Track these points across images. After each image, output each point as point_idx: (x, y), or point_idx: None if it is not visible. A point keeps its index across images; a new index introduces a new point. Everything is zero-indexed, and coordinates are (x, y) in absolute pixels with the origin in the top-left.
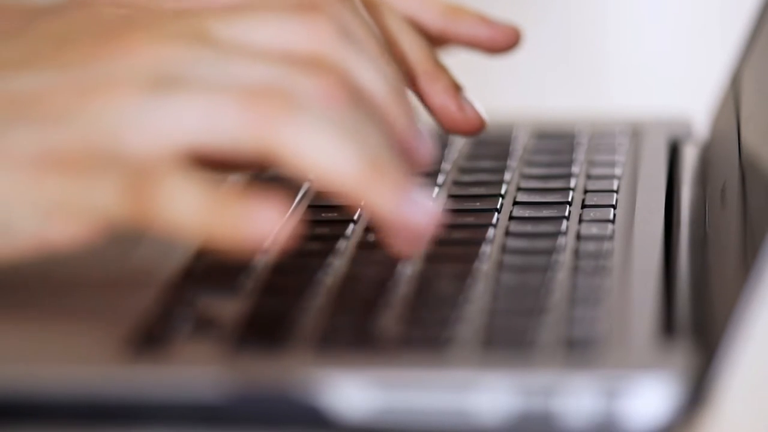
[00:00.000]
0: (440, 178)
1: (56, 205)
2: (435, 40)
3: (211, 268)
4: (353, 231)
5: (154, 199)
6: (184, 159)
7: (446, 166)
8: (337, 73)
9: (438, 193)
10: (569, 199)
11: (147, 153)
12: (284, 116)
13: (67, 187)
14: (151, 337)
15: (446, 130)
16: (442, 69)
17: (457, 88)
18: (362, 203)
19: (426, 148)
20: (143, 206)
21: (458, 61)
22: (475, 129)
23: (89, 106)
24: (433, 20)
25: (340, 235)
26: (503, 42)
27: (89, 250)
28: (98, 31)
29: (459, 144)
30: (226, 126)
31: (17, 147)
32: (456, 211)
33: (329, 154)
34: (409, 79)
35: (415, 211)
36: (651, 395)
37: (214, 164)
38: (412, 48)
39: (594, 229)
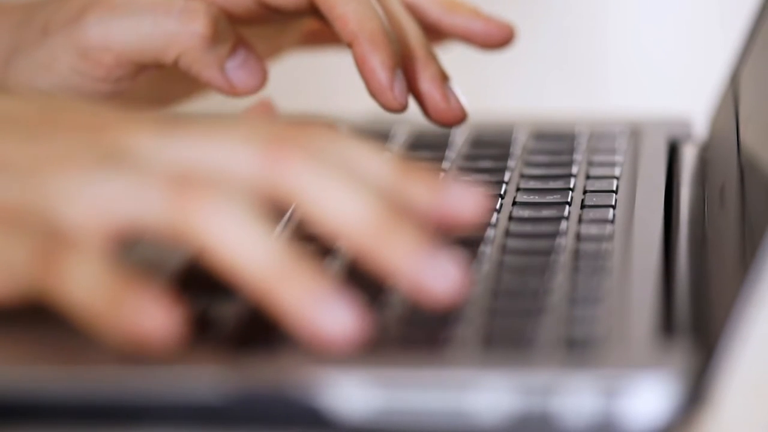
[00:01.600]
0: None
1: None
2: (431, 31)
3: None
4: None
5: (59, 267)
6: (111, 235)
7: (446, 166)
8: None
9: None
10: (569, 200)
11: (79, 229)
12: (210, 207)
13: None
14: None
15: (428, 118)
16: (433, 57)
17: (444, 78)
18: (268, 295)
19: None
20: (47, 272)
21: (458, 61)
22: (456, 120)
23: (41, 177)
24: (430, 10)
25: (331, 250)
26: (497, 37)
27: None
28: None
29: (459, 144)
30: (153, 211)
31: None
32: None
33: (245, 252)
34: (401, 62)
35: (324, 308)
36: (650, 394)
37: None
38: (409, 33)
39: (593, 230)
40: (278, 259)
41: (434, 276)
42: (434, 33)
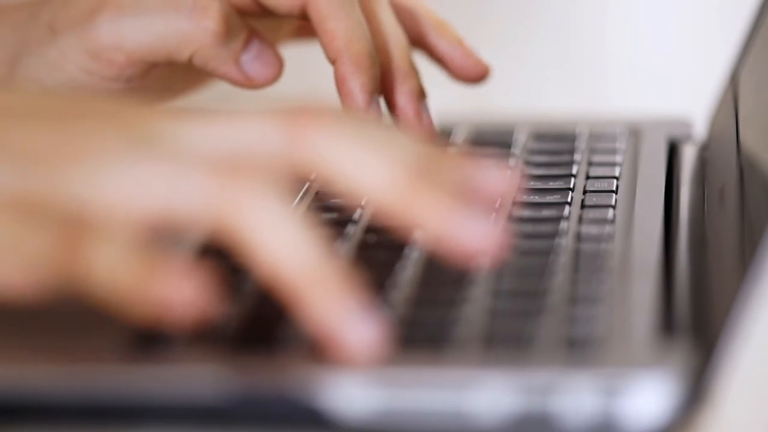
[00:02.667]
0: None
1: (4, 248)
2: (413, 41)
3: (213, 267)
4: (353, 231)
5: (84, 251)
6: (142, 224)
7: None
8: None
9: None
10: (569, 200)
11: (108, 218)
12: (251, 201)
13: (6, 229)
14: (152, 338)
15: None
16: (413, 72)
17: (421, 95)
18: (299, 299)
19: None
20: (72, 258)
21: None
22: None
23: (64, 166)
24: (415, 25)
25: (340, 235)
26: (470, 72)
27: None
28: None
29: (459, 144)
30: (190, 201)
31: None
32: None
33: (285, 254)
34: (382, 71)
35: (353, 321)
36: (650, 394)
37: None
38: (394, 45)
39: (593, 230)
40: (315, 263)
41: (471, 232)
42: (416, 44)
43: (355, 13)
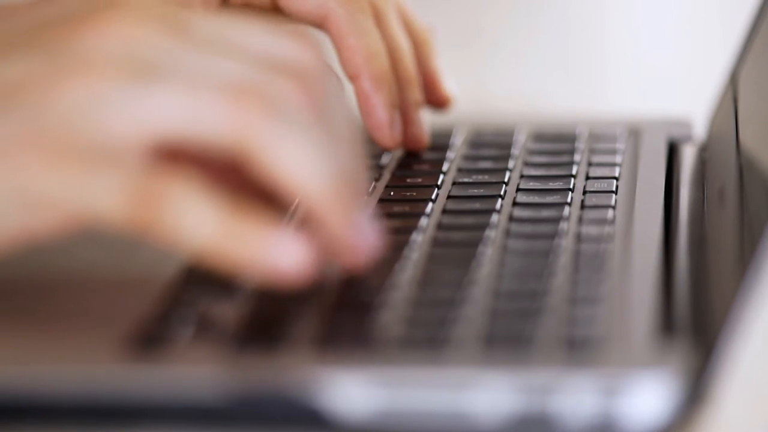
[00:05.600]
0: (440, 179)
1: (43, 197)
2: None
3: (213, 268)
4: None
5: (164, 211)
6: (152, 149)
7: (446, 166)
8: (311, 83)
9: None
10: (569, 200)
11: (122, 139)
12: (266, 119)
13: (57, 179)
14: (152, 338)
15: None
16: (413, 82)
17: (417, 104)
18: (318, 217)
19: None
20: (148, 215)
21: (458, 61)
22: (415, 146)
23: (67, 92)
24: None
25: None
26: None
27: (89, 251)
28: (73, 15)
29: (459, 145)
30: (207, 120)
31: None
32: (456, 212)
33: (303, 164)
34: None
35: (360, 235)
36: (650, 394)
37: (180, 158)
38: (398, 53)
39: (593, 230)
40: (330, 182)
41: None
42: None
43: (374, 29)
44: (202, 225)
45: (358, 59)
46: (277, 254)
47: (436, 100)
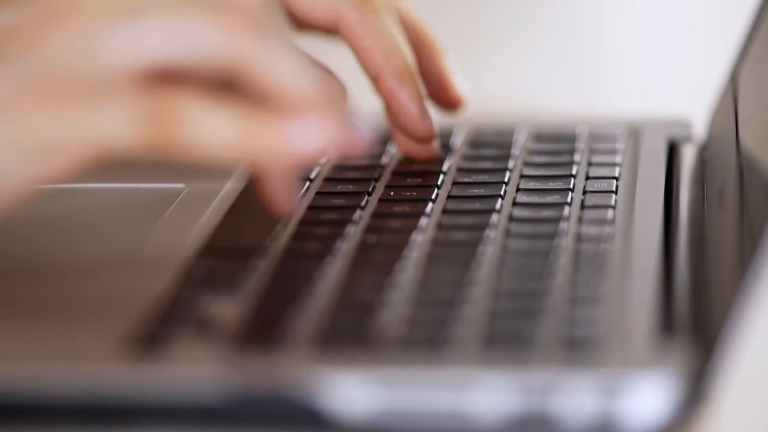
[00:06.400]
0: (440, 179)
1: (52, 141)
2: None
3: (213, 268)
4: (353, 231)
5: (180, 125)
6: (145, 76)
7: (446, 166)
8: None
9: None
10: (569, 200)
11: (118, 68)
12: (255, 35)
13: (63, 121)
14: (152, 337)
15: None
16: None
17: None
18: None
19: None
20: (165, 133)
21: (458, 61)
22: (424, 139)
23: (55, 35)
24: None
25: (340, 235)
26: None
27: (91, 250)
28: None
29: (459, 145)
30: (200, 41)
31: None
32: (456, 212)
33: (295, 72)
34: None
35: (353, 128)
36: (650, 394)
37: (172, 83)
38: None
39: (593, 230)
40: (319, 84)
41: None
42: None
43: (386, 26)
44: (220, 129)
45: (376, 59)
46: (300, 137)
47: (446, 101)
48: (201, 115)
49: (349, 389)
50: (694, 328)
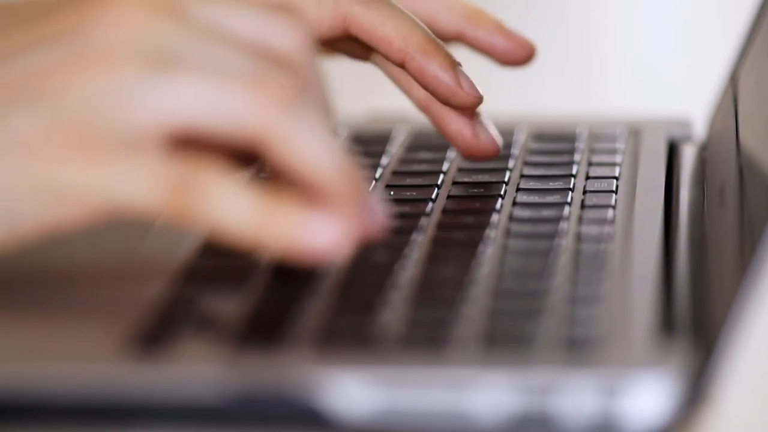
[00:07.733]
0: (440, 179)
1: (70, 190)
2: (451, 41)
3: (213, 268)
4: None
5: (199, 200)
6: (169, 137)
7: (446, 166)
8: (305, 71)
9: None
10: (569, 200)
11: (144, 128)
12: (283, 109)
13: (84, 172)
14: (152, 337)
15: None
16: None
17: (454, 64)
18: (336, 199)
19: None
20: (182, 205)
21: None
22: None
23: (86, 82)
24: (451, 21)
25: None
26: (518, 55)
27: (91, 250)
28: (78, 1)
29: None
30: (227, 109)
31: (19, 130)
32: (456, 212)
33: (320, 152)
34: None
35: (373, 212)
36: (650, 394)
37: (194, 147)
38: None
39: (593, 230)
40: (344, 167)
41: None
42: (456, 39)
43: (393, 9)
44: (238, 211)
45: (395, 45)
46: (317, 233)
47: (512, 60)
48: (221, 194)
49: (349, 389)
50: (694, 328)
